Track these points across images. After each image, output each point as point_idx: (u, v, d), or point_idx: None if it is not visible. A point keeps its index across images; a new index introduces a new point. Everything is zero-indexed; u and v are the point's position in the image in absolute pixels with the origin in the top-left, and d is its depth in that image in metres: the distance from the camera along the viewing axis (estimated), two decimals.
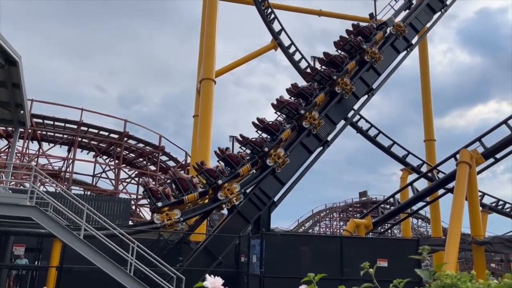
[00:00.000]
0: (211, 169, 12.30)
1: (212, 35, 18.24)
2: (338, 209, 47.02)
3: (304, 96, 13.94)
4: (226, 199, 12.00)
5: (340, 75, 14.33)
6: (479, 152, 14.56)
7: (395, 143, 21.76)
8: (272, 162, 12.82)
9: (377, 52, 15.14)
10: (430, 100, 24.30)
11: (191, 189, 11.73)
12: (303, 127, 13.53)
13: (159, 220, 11.04)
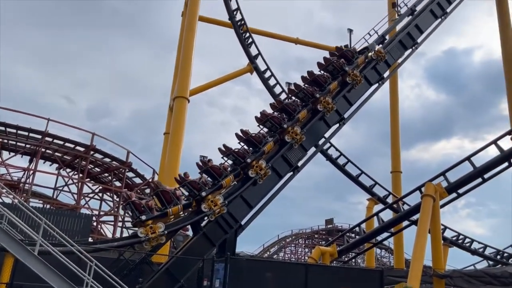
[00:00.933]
0: (194, 181, 12.10)
1: (189, 54, 18.25)
2: (304, 236, 47.04)
3: (287, 112, 14.17)
4: (210, 211, 11.89)
5: (323, 94, 14.70)
6: (443, 187, 14.95)
7: (363, 173, 22.11)
8: (254, 173, 12.84)
9: (358, 74, 15.63)
10: (398, 133, 24.97)
11: (174, 201, 11.54)
12: (285, 141, 13.76)
13: (143, 233, 10.77)
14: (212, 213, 11.89)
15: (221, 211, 12.07)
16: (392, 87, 25.59)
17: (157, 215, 11.18)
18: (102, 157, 28.18)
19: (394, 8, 20.38)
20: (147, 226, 10.89)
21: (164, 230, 11.04)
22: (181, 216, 11.95)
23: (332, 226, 45.94)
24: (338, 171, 21.68)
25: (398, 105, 25.63)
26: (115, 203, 29.24)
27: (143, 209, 11.06)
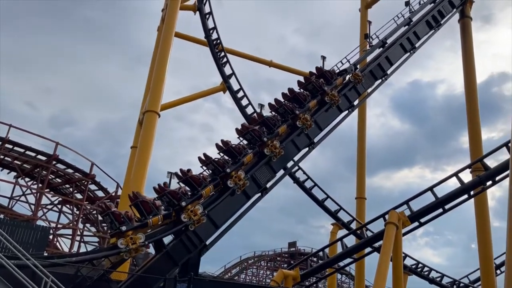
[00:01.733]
0: (173, 190, 12.06)
1: (163, 69, 18.13)
2: (266, 258, 46.72)
3: (267, 126, 14.50)
4: (189, 221, 11.87)
5: (302, 110, 15.15)
6: (406, 215, 15.29)
7: (328, 197, 22.32)
8: (233, 183, 12.98)
9: (336, 95, 16.21)
10: (364, 160, 25.49)
11: (154, 211, 11.46)
12: (264, 154, 14.04)
13: (123, 244, 10.59)
14: (192, 223, 11.91)
15: (201, 220, 12.08)
16: (360, 115, 26.21)
17: (137, 226, 11.05)
18: (65, 167, 27.29)
19: (366, 39, 21.07)
20: (127, 237, 10.71)
21: (145, 241, 10.93)
22: (161, 227, 11.80)
23: (295, 249, 45.92)
24: (301, 194, 21.81)
25: (365, 133, 26.24)
26: (75, 216, 28.20)
27: (123, 219, 10.90)
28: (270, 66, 25.67)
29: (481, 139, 21.60)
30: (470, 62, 23.08)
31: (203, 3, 21.55)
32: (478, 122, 21.79)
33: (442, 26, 21.19)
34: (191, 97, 21.84)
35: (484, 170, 15.39)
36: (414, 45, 19.86)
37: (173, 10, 19.43)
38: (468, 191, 15.52)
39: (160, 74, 18.06)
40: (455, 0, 21.61)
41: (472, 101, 22.24)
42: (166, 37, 18.89)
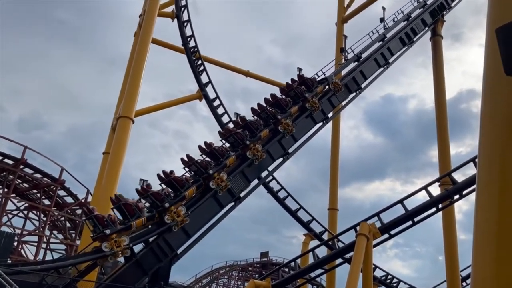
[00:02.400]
0: (156, 192, 12.12)
1: (138, 75, 17.95)
2: (238, 268, 46.40)
3: (250, 130, 14.78)
4: (173, 222, 11.92)
5: (284, 116, 15.57)
6: (376, 227, 15.50)
7: (301, 208, 22.43)
8: (215, 185, 13.19)
9: (317, 102, 16.70)
10: (337, 172, 25.78)
11: (137, 213, 11.52)
12: (246, 156, 14.29)
13: (108, 247, 10.68)
14: (175, 224, 11.97)
15: (184, 221, 12.13)
16: (334, 127, 26.56)
17: (121, 228, 11.04)
18: (33, 172, 26.47)
19: (341, 53, 21.47)
20: (111, 240, 10.73)
21: (129, 243, 10.98)
22: (144, 228, 11.83)
23: (267, 260, 45.81)
24: (274, 203, 21.85)
25: (339, 145, 26.58)
26: (41, 223, 27.33)
27: (106, 223, 10.90)
28: (247, 76, 25.79)
29: (449, 154, 22.26)
30: (440, 78, 23.84)
31: (181, 10, 21.53)
32: (447, 137, 22.46)
33: (414, 43, 21.82)
34: (166, 104, 21.69)
35: (452, 184, 15.81)
36: (388, 61, 20.37)
37: (150, 17, 19.34)
38: (436, 204, 15.88)
39: (135, 79, 17.87)
40: (427, 19, 22.32)
41: (441, 116, 22.94)
42: (143, 43, 18.74)
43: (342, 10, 27.95)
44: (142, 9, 22.24)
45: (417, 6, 22.43)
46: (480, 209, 4.00)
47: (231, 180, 13.53)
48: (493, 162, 4.01)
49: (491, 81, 4.01)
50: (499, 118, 4.00)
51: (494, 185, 3.88)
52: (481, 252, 3.85)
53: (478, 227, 3.93)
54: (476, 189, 4.21)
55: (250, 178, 14.55)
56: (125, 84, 20.02)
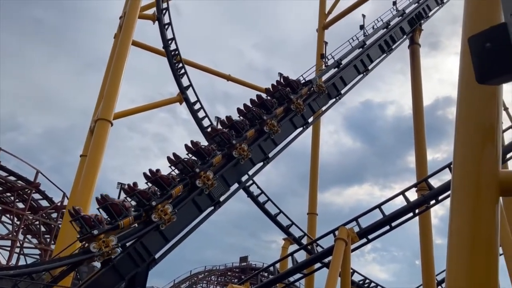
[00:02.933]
0: (143, 190, 12.18)
1: (118, 77, 17.75)
2: (217, 272, 46.13)
3: (236, 129, 14.96)
4: (160, 221, 12.00)
5: (270, 116, 15.79)
6: (355, 231, 15.65)
7: (281, 212, 22.47)
8: (202, 183, 13.27)
9: (302, 103, 17.00)
10: (317, 177, 25.94)
11: (124, 213, 11.54)
12: (232, 156, 14.45)
13: (96, 248, 10.68)
14: (163, 222, 12.00)
15: (171, 219, 12.22)
16: (314, 132, 26.75)
17: (109, 228, 11.02)
18: (6, 175, 25.79)
19: (322, 59, 21.66)
20: (99, 240, 10.71)
21: (118, 243, 10.97)
22: (131, 228, 11.83)
23: (246, 264, 45.69)
24: (254, 208, 21.82)
25: (319, 149, 26.77)
26: (15, 227, 26.62)
27: (93, 223, 10.85)
28: (228, 80, 25.79)
29: (426, 159, 22.69)
30: (418, 86, 24.31)
31: (162, 13, 21.40)
32: (424, 143, 22.90)
33: (393, 50, 22.20)
34: (146, 107, 21.51)
35: (429, 189, 16.11)
36: (367, 67, 20.66)
37: (131, 19, 19.17)
38: (413, 209, 16.15)
39: (115, 82, 17.66)
40: (405, 27, 22.76)
41: (418, 123, 23.38)
42: (123, 45, 18.55)
43: (323, 17, 28.27)
44: (122, 11, 22.04)
45: (396, 14, 22.85)
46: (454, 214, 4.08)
47: (217, 179, 13.66)
48: (467, 168, 4.09)
49: (465, 89, 4.11)
50: (472, 125, 4.10)
51: (468, 190, 3.96)
52: (455, 256, 3.92)
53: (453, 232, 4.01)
54: (451, 195, 4.29)
55: (230, 182, 14.52)
56: (104, 86, 19.76)
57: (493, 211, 3.75)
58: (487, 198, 3.75)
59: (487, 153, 3.87)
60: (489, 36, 2.25)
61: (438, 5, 24.63)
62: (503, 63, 2.21)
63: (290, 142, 17.17)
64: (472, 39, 2.32)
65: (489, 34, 2.25)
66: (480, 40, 2.27)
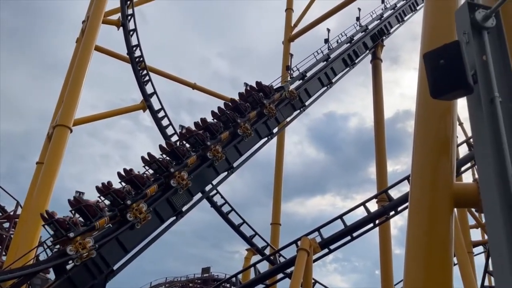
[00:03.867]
0: (118, 189, 12.21)
1: (79, 82, 17.24)
2: (178, 284, 45.33)
3: (211, 131, 15.30)
4: (136, 220, 12.05)
5: (243, 120, 16.23)
6: (317, 242, 15.80)
7: (245, 222, 22.39)
8: (176, 183, 13.40)
9: (274, 108, 17.53)
10: (281, 187, 26.04)
11: (99, 214, 11.57)
12: (207, 157, 14.73)
13: (73, 250, 10.67)
14: (138, 221, 12.10)
15: (146, 217, 12.31)
16: (279, 142, 26.93)
17: (85, 230, 11.13)
18: None
19: (287, 70, 21.94)
20: (76, 242, 10.78)
21: (95, 244, 11.11)
22: (105, 228, 11.86)
23: (208, 275, 45.11)
24: (217, 217, 21.63)
25: (283, 160, 26.91)
26: None
27: (68, 226, 10.91)
28: (193, 88, 25.61)
29: (386, 171, 23.31)
30: (379, 99, 25.05)
31: (127, 19, 21.04)
32: (384, 155, 23.55)
33: (356, 64, 22.81)
34: (108, 114, 21.00)
35: (388, 200, 16.53)
36: (331, 80, 21.11)
37: (94, 23, 18.73)
38: (373, 220, 16.50)
39: (75, 87, 17.14)
40: (368, 43, 23.46)
41: (379, 135, 24.05)
42: (85, 50, 18.06)
43: (289, 29, 28.68)
44: (85, 15, 21.49)
45: (359, 30, 23.54)
46: (411, 224, 4.19)
47: (192, 179, 13.90)
48: (424, 180, 4.22)
49: (423, 104, 4.26)
50: (429, 139, 4.25)
51: (425, 202, 4.08)
52: (412, 265, 4.03)
53: (410, 242, 4.11)
54: (408, 206, 4.40)
55: (193, 192, 14.36)
56: (64, 91, 19.13)
57: (447, 222, 3.88)
58: (442, 209, 3.89)
59: (443, 166, 4.02)
60: (443, 53, 2.35)
61: (399, 23, 25.57)
62: (455, 79, 2.31)
63: (254, 152, 17.24)
64: (427, 55, 2.42)
65: (443, 51, 2.35)
66: (435, 56, 2.36)
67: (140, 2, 22.85)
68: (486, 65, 2.50)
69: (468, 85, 2.33)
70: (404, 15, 25.81)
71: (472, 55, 2.48)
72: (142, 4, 23.30)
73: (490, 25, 2.58)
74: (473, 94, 2.47)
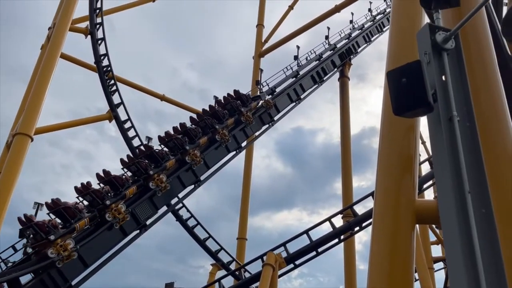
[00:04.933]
0: (97, 190, 12.56)
1: (43, 90, 16.68)
2: None
3: (189, 136, 15.82)
4: (114, 220, 12.41)
5: (221, 126, 16.78)
6: (282, 257, 15.78)
7: (210, 237, 22.11)
8: (155, 185, 13.86)
9: (251, 116, 18.29)
10: (248, 202, 25.94)
11: (78, 215, 11.83)
12: (185, 161, 15.25)
13: (54, 253, 10.85)
14: (117, 221, 12.40)
15: (125, 218, 12.62)
16: (247, 156, 26.92)
17: (66, 232, 11.34)
18: None
19: (257, 85, 22.09)
20: (56, 245, 10.96)
21: (76, 245, 11.32)
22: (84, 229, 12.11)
23: None
24: (182, 231, 21.26)
25: (251, 174, 26.86)
26: None
27: (48, 229, 11.09)
28: (162, 100, 25.32)
29: (352, 186, 23.70)
30: (346, 116, 25.58)
31: (96, 28, 20.68)
32: (350, 171, 23.97)
33: (324, 82, 23.26)
34: (73, 123, 20.40)
35: (353, 216, 16.78)
36: (300, 96, 21.42)
37: (61, 31, 18.27)
38: (339, 235, 16.68)
39: (38, 94, 16.58)
40: (336, 61, 24.01)
41: (346, 151, 24.48)
42: (50, 57, 17.56)
43: (259, 45, 28.98)
44: (52, 22, 20.97)
45: (328, 48, 24.07)
46: (375, 240, 4.23)
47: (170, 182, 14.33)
48: (387, 197, 4.29)
49: (387, 122, 4.36)
50: (393, 156, 4.33)
51: (388, 218, 4.15)
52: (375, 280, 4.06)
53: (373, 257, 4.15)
54: (372, 222, 4.45)
55: (159, 205, 14.11)
56: (27, 98, 18.48)
57: (409, 238, 3.95)
58: (404, 225, 3.96)
59: (406, 183, 4.10)
60: (405, 72, 2.42)
61: (366, 42, 26.35)
62: (416, 97, 2.38)
63: (222, 166, 17.18)
64: (390, 74, 2.49)
65: (405, 70, 2.42)
66: (397, 75, 2.43)
67: (110, 11, 22.53)
68: (446, 85, 2.59)
69: (429, 104, 2.40)
70: (372, 36, 26.64)
71: (432, 74, 2.57)
72: (111, 14, 22.97)
73: (449, 47, 2.68)
74: (433, 112, 2.55)
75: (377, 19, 27.79)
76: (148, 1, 24.46)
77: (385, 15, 27.69)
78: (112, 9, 22.82)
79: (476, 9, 2.72)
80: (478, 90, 3.56)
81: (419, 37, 2.75)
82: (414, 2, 3.35)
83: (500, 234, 2.27)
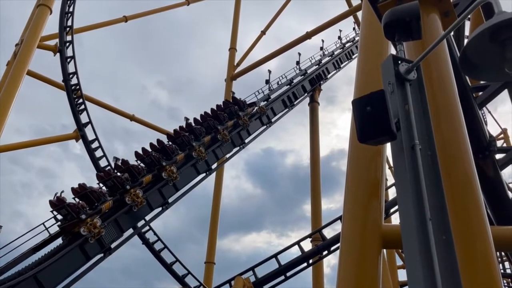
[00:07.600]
0: (118, 176, 14.19)
1: (6, 108, 16.18)
2: None
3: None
4: (133, 203, 14.06)
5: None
6: (251, 281, 15.61)
7: (177, 261, 21.60)
8: (167, 175, 15.54)
9: (247, 120, 19.69)
10: (217, 225, 25.57)
11: (102, 198, 13.39)
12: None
13: (86, 231, 12.24)
14: (135, 204, 14.08)
15: (142, 202, 14.28)
16: (217, 179, 26.72)
17: (94, 212, 12.85)
18: None
19: None
20: (87, 223, 12.37)
21: (104, 222, 12.91)
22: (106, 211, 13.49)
23: None
24: (148, 254, 20.69)
25: (220, 197, 26.60)
26: None
27: (78, 210, 12.46)
28: (131, 120, 25.00)
29: (321, 209, 23.83)
30: (315, 139, 25.96)
31: (65, 46, 20.35)
32: (319, 193, 24.16)
33: (295, 106, 23.63)
34: (38, 142, 19.88)
35: (322, 240, 16.86)
36: (271, 120, 21.63)
37: (29, 48, 17.91)
38: (307, 259, 16.70)
39: (2, 112, 16.06)
40: (307, 86, 24.51)
41: (315, 174, 24.72)
42: (16, 74, 17.12)
43: (232, 68, 29.24)
44: (20, 38, 20.52)
45: (298, 73, 24.58)
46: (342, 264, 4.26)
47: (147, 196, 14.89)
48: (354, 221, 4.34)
49: (354, 147, 4.46)
50: (360, 181, 4.41)
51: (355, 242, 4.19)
52: None
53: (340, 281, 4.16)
54: (340, 245, 4.49)
55: (124, 227, 13.76)
56: None
57: (376, 262, 3.99)
58: (371, 249, 4.00)
59: (372, 207, 4.17)
60: (370, 100, 2.51)
61: (336, 69, 27.08)
62: (380, 125, 2.46)
63: (191, 188, 17.03)
64: (355, 102, 2.57)
65: (369, 98, 2.51)
66: (362, 103, 2.52)
67: (80, 29, 22.26)
68: (408, 114, 2.68)
69: (392, 132, 2.48)
70: (341, 62, 27.41)
71: (395, 104, 2.67)
72: (81, 32, 22.69)
73: (412, 78, 2.80)
74: (396, 140, 2.63)
75: (346, 46, 28.68)
76: (120, 21, 24.31)
77: (354, 43, 28.62)
78: (83, 28, 22.55)
79: (436, 42, 2.86)
80: (440, 118, 3.70)
81: (383, 68, 2.86)
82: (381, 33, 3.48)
83: (460, 260, 2.34)
